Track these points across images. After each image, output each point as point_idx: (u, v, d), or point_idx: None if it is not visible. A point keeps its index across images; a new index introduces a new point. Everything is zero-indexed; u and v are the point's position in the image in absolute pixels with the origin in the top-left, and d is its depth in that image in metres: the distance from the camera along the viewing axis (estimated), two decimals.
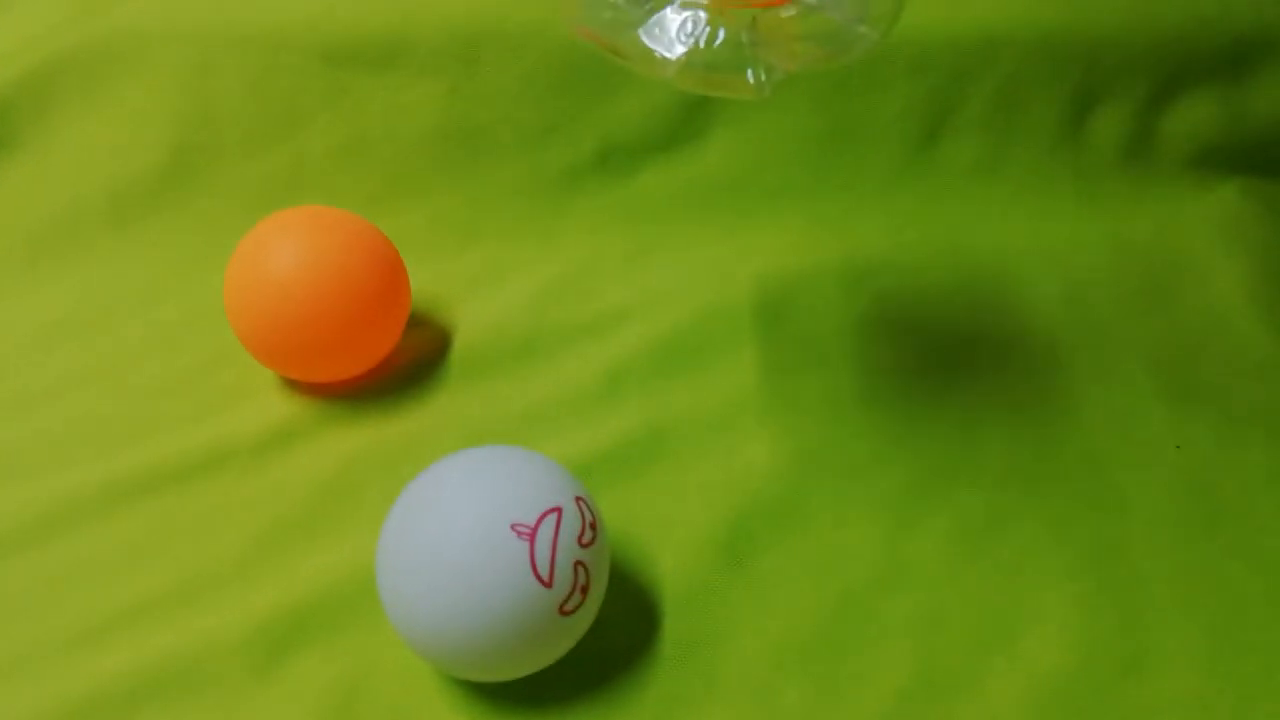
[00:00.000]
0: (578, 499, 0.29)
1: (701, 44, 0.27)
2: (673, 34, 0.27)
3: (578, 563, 0.28)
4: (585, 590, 0.29)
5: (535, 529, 0.28)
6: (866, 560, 0.35)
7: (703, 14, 0.27)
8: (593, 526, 0.29)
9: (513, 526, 0.27)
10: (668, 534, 0.35)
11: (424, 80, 0.48)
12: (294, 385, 0.41)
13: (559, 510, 0.28)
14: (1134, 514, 0.36)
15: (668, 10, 0.27)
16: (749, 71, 0.27)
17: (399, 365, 0.42)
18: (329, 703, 0.31)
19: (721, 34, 0.27)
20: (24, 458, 0.38)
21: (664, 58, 0.27)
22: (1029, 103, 0.49)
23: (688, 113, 0.49)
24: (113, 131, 0.48)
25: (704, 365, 0.42)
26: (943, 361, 0.42)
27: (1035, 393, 0.40)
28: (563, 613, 0.28)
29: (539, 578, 0.27)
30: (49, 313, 0.44)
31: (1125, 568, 0.35)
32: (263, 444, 0.38)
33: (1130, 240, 0.47)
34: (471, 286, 0.46)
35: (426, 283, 0.45)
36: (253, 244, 0.38)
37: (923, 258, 0.47)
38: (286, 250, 0.38)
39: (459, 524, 0.28)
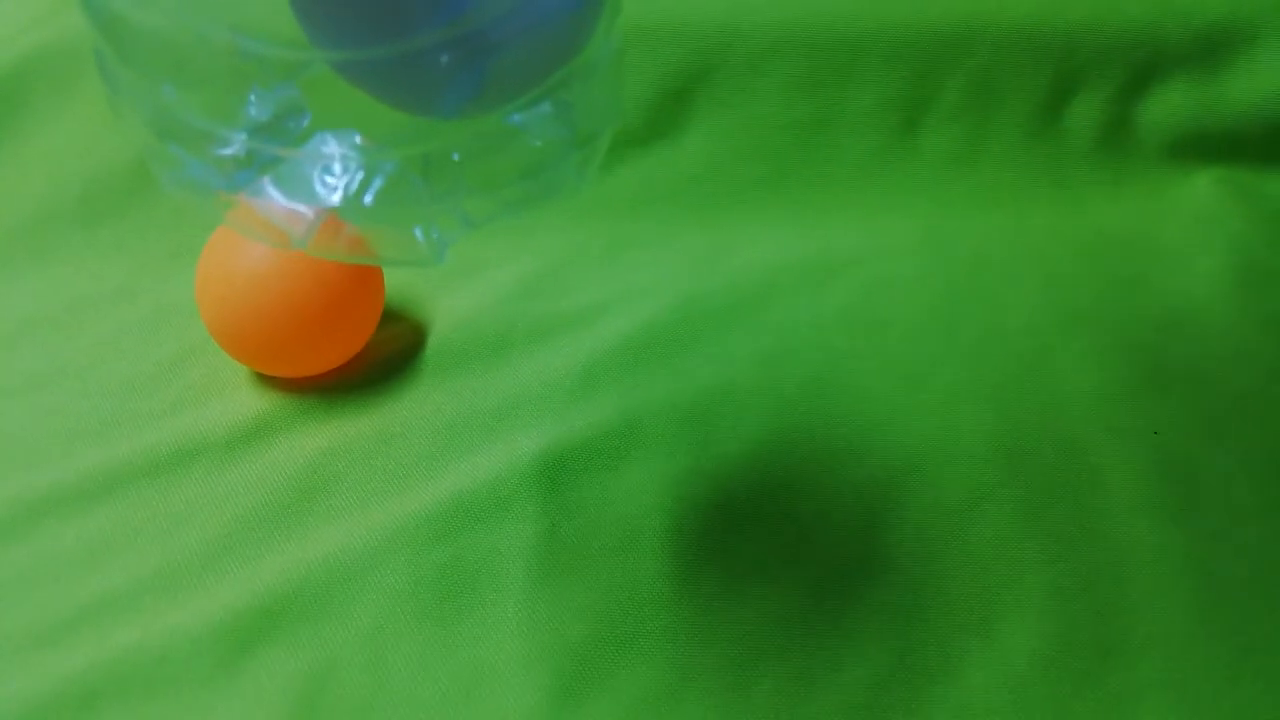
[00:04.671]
0: None
1: (353, 191, 0.20)
2: (313, 180, 0.20)
3: None
4: None
5: None
6: (843, 548, 0.35)
7: (357, 137, 0.19)
8: None
9: None
10: (645, 525, 0.35)
11: None
12: (266, 380, 0.40)
13: None
14: (1112, 499, 0.36)
15: (307, 146, 0.19)
16: (418, 230, 0.21)
17: (372, 361, 0.41)
18: (295, 697, 0.30)
19: (383, 177, 0.20)
20: None
21: (293, 214, 0.20)
22: (1005, 93, 0.49)
23: (665, 105, 0.49)
24: (83, 131, 0.48)
25: (680, 357, 0.42)
26: (921, 350, 0.42)
27: (1013, 380, 0.40)
28: None
29: None
30: (18, 311, 0.44)
31: (1103, 553, 0.34)
32: (234, 439, 0.38)
33: (1107, 229, 0.47)
34: (446, 282, 0.45)
35: (402, 278, 0.45)
36: (225, 237, 0.38)
37: (900, 247, 0.46)
38: (259, 243, 0.37)
39: None
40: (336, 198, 0.20)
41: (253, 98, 0.19)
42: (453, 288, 0.45)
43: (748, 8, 0.48)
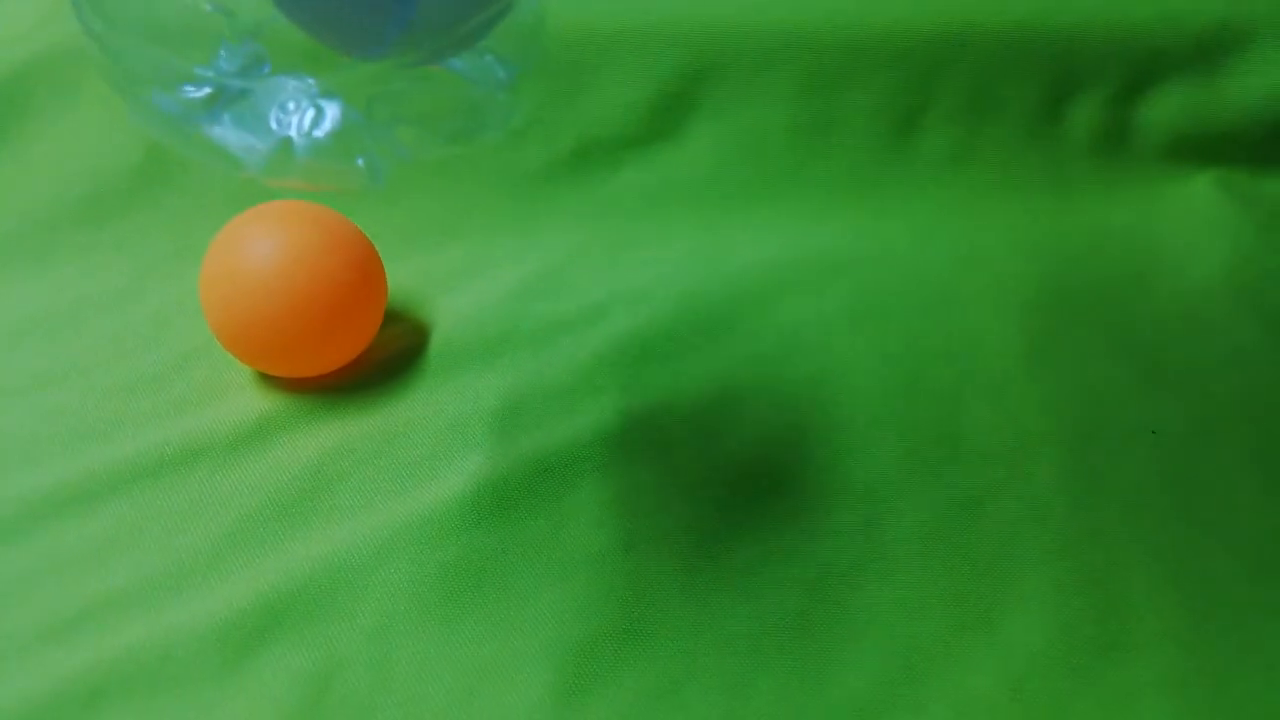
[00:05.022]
0: None
1: (305, 127, 0.22)
2: (268, 117, 0.22)
3: None
4: None
5: None
6: (845, 545, 0.35)
7: (311, 80, 0.22)
8: None
9: None
10: (647, 524, 0.35)
11: None
12: (269, 381, 0.40)
13: None
14: (1111, 498, 0.36)
15: (264, 85, 0.22)
16: (360, 160, 0.23)
17: (375, 361, 0.42)
18: (300, 696, 0.31)
19: (331, 115, 0.22)
20: None
21: (250, 147, 0.22)
22: (1004, 94, 0.49)
23: (666, 108, 0.49)
24: (87, 132, 0.48)
25: (682, 358, 0.42)
26: (920, 350, 0.42)
27: (1012, 380, 0.40)
28: None
29: None
30: (21, 311, 0.44)
31: (1103, 551, 0.35)
32: (237, 439, 0.38)
33: (1106, 230, 0.47)
34: (449, 282, 0.46)
35: (405, 279, 0.45)
36: (229, 238, 0.38)
37: (900, 248, 0.47)
38: (263, 244, 0.37)
39: None
40: (290, 132, 0.22)
41: (223, 51, 0.22)
42: (455, 288, 0.45)
43: (747, 10, 0.48)
